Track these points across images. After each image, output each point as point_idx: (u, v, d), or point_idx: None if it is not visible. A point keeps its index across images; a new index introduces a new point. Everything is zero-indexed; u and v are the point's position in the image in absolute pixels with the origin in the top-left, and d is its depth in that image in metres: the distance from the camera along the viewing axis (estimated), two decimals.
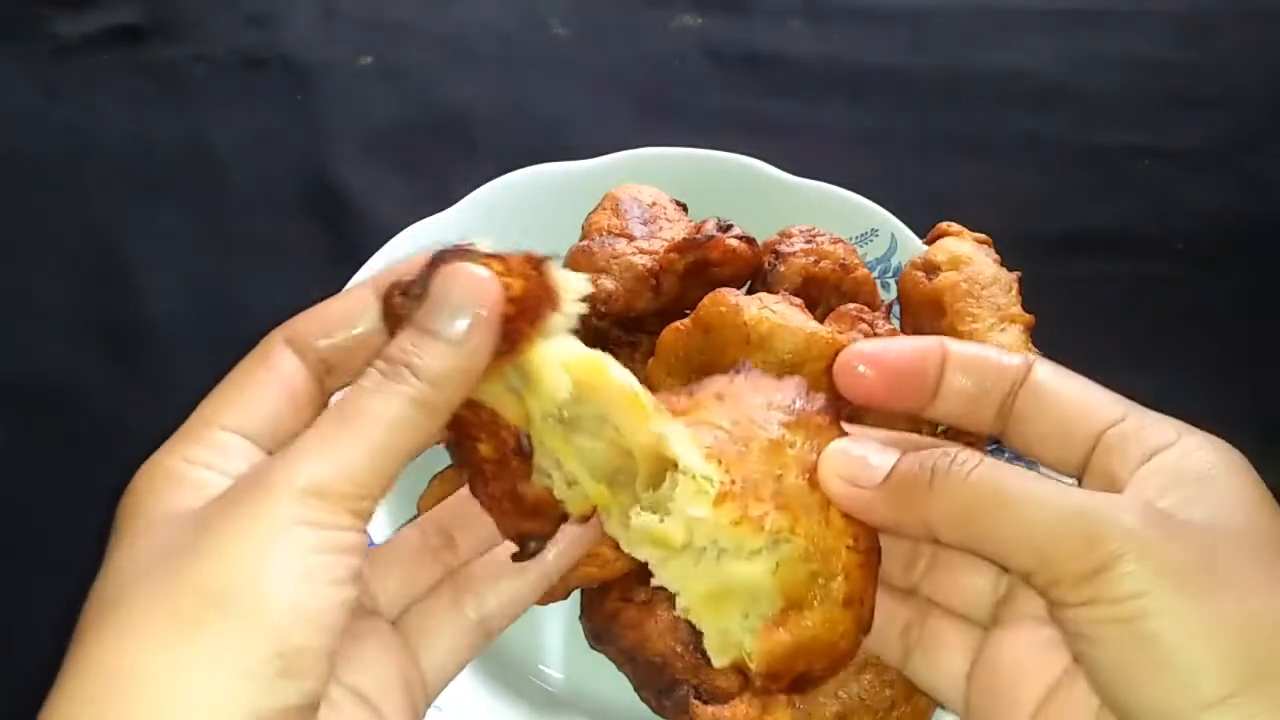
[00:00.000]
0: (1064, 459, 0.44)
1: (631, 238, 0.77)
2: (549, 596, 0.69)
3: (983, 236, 0.77)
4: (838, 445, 0.44)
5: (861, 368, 0.46)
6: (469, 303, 0.40)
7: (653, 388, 0.71)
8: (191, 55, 1.11)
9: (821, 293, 0.76)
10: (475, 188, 0.86)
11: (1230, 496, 0.39)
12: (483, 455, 0.45)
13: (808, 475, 0.44)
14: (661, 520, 0.43)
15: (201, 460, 0.41)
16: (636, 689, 0.69)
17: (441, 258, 0.42)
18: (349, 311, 0.44)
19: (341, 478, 0.38)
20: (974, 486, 0.40)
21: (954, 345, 0.46)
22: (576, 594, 0.71)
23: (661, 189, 0.82)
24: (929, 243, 0.78)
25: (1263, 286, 0.95)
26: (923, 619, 0.48)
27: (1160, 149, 1.04)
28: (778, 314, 0.67)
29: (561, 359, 0.44)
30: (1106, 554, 0.37)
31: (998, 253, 0.76)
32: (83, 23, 1.13)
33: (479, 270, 0.41)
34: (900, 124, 1.06)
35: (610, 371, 0.44)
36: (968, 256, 0.74)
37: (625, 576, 0.67)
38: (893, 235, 0.83)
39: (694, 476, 0.43)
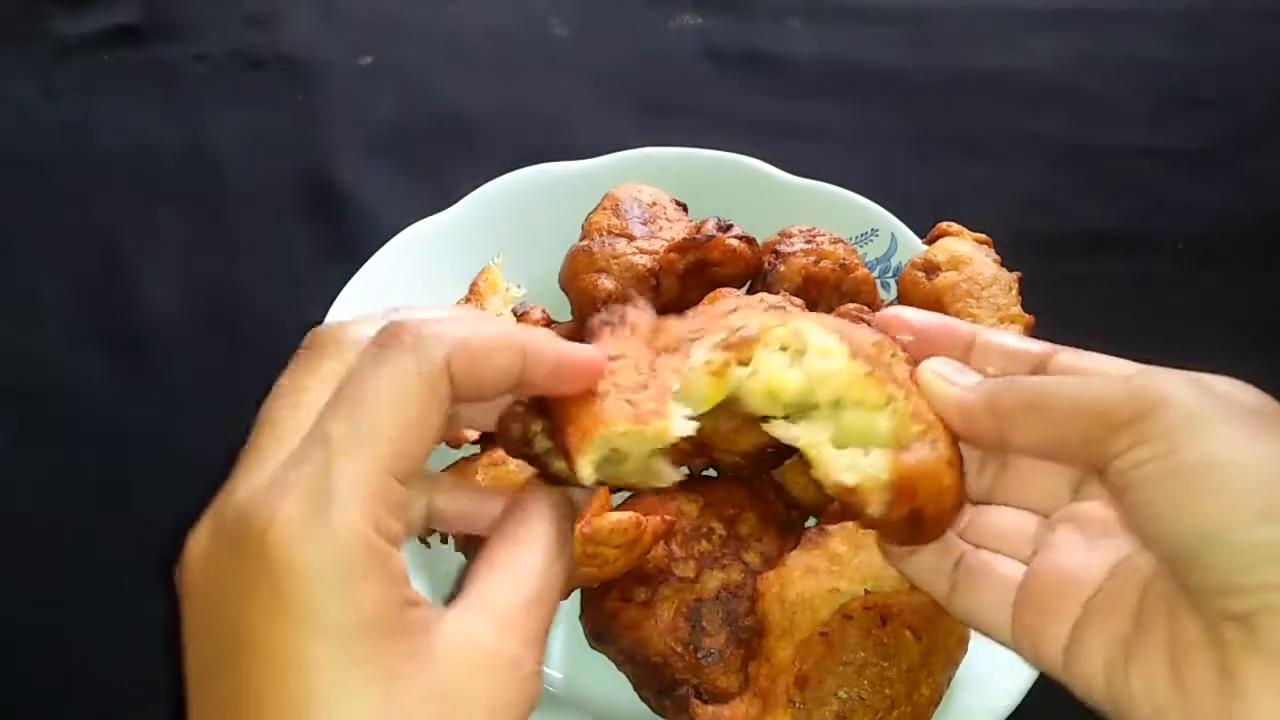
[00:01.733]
0: (1095, 424, 0.44)
1: (632, 238, 0.77)
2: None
3: (983, 236, 0.77)
4: (934, 359, 0.47)
5: (902, 321, 0.49)
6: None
7: None
8: (191, 55, 1.11)
9: (821, 293, 0.76)
10: (475, 188, 0.86)
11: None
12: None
13: (910, 370, 0.48)
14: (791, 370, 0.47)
15: (395, 535, 0.36)
16: (636, 689, 0.69)
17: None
18: (509, 370, 0.40)
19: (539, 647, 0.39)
20: (1046, 378, 0.44)
21: (984, 330, 0.48)
22: (576, 594, 0.71)
23: (661, 189, 0.82)
24: (929, 243, 0.78)
25: (1263, 286, 0.95)
26: (970, 555, 0.49)
27: (1160, 149, 1.04)
28: None
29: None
30: (1152, 400, 0.39)
31: (998, 253, 0.76)
32: (83, 23, 1.13)
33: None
34: (900, 124, 1.06)
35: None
36: (968, 256, 0.75)
37: (625, 576, 0.67)
38: (893, 235, 0.83)
39: (822, 348, 0.47)
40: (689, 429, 0.45)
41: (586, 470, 0.42)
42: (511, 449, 0.45)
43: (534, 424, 0.44)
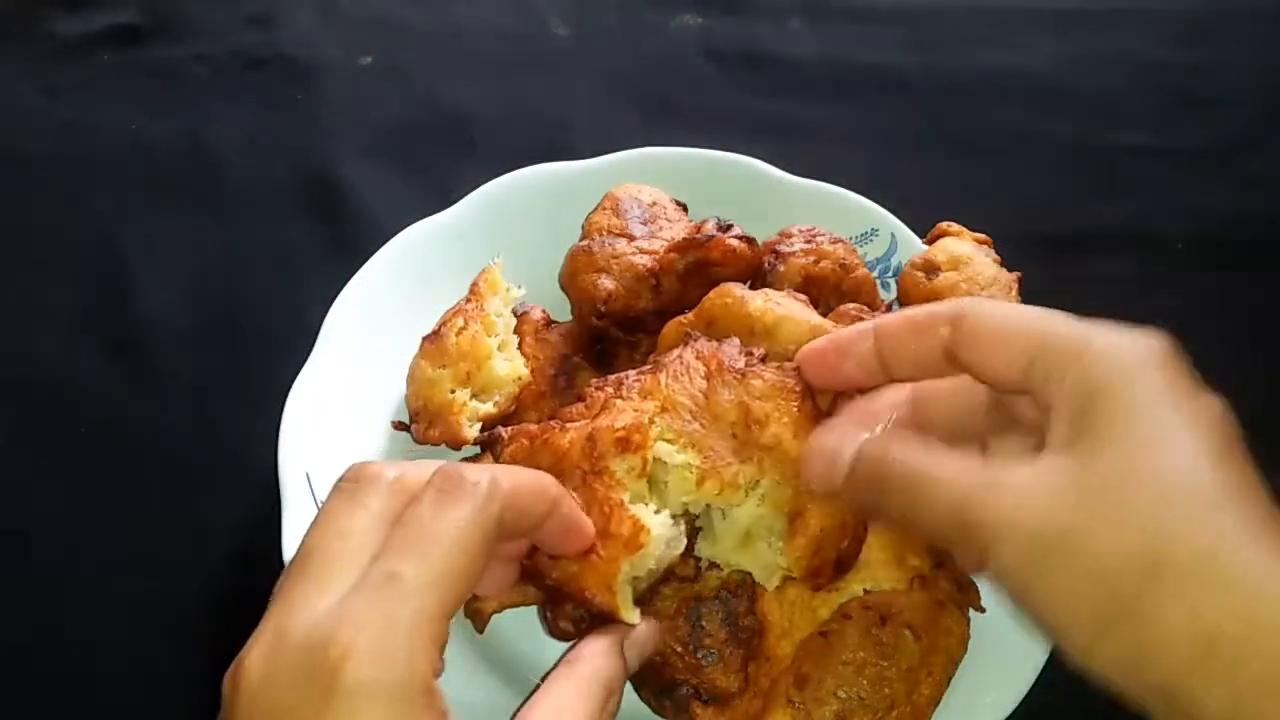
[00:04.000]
0: (1007, 387, 0.47)
1: (632, 238, 0.77)
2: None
3: (983, 236, 0.77)
4: (812, 441, 0.52)
5: (813, 360, 0.54)
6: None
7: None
8: (191, 55, 1.11)
9: (821, 292, 0.76)
10: (475, 187, 0.85)
11: (1125, 410, 0.41)
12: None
13: (758, 423, 0.54)
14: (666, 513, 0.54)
15: (440, 672, 0.40)
16: (636, 689, 0.69)
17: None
18: (542, 516, 0.46)
19: None
20: (898, 478, 0.46)
21: (883, 318, 0.51)
22: None
23: (661, 189, 0.82)
24: (929, 243, 0.78)
25: (1263, 286, 0.95)
26: None
27: (1160, 149, 1.04)
28: (783, 306, 0.67)
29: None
30: (982, 544, 0.42)
31: (997, 253, 0.76)
32: (83, 23, 1.13)
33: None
34: (900, 124, 1.06)
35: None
36: (968, 257, 0.74)
37: None
38: (893, 235, 0.83)
39: (680, 468, 0.54)
40: (666, 520, 0.53)
41: (632, 615, 0.51)
42: (562, 636, 0.55)
43: (567, 608, 0.54)
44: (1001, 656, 0.66)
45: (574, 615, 0.55)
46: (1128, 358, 0.42)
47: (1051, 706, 0.66)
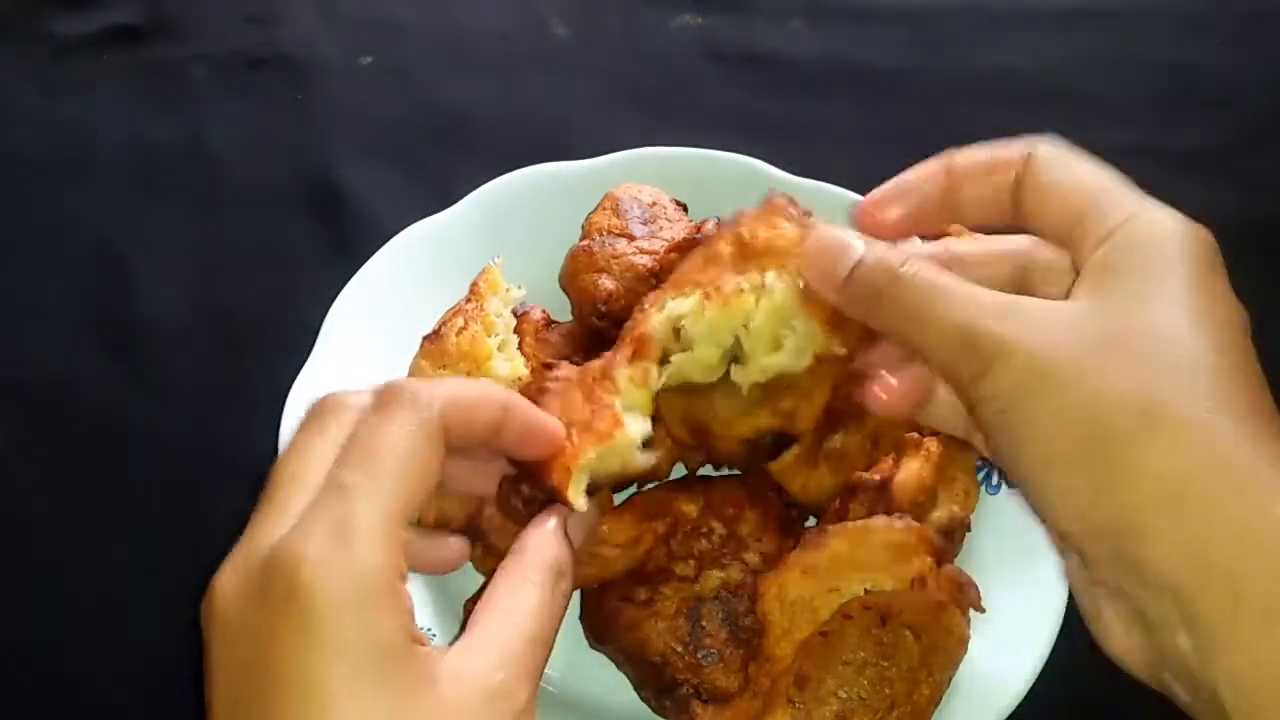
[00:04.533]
0: (1056, 237, 0.48)
1: (632, 238, 0.77)
2: None
3: (983, 235, 0.77)
4: (816, 236, 0.50)
5: (879, 209, 0.51)
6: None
7: None
8: (191, 55, 1.11)
9: None
10: (475, 187, 0.85)
11: (1158, 274, 0.43)
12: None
13: (750, 240, 0.54)
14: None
15: (404, 572, 0.40)
16: (636, 689, 0.69)
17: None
18: (477, 406, 0.46)
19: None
20: (907, 291, 0.45)
21: (957, 156, 0.51)
22: (576, 594, 0.71)
23: (661, 189, 0.82)
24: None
25: (1263, 286, 0.94)
26: None
27: (1160, 149, 1.03)
28: None
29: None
30: (982, 362, 0.42)
31: None
32: (83, 23, 1.13)
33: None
34: (900, 124, 1.06)
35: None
36: None
37: (625, 576, 0.68)
38: None
39: (691, 314, 0.54)
40: (645, 428, 0.53)
41: (579, 499, 0.50)
42: (510, 513, 0.55)
43: (522, 487, 0.53)
44: (1001, 656, 0.66)
45: (527, 495, 0.55)
46: (1173, 234, 0.44)
47: (1051, 706, 0.66)
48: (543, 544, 0.48)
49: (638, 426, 0.53)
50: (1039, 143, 0.48)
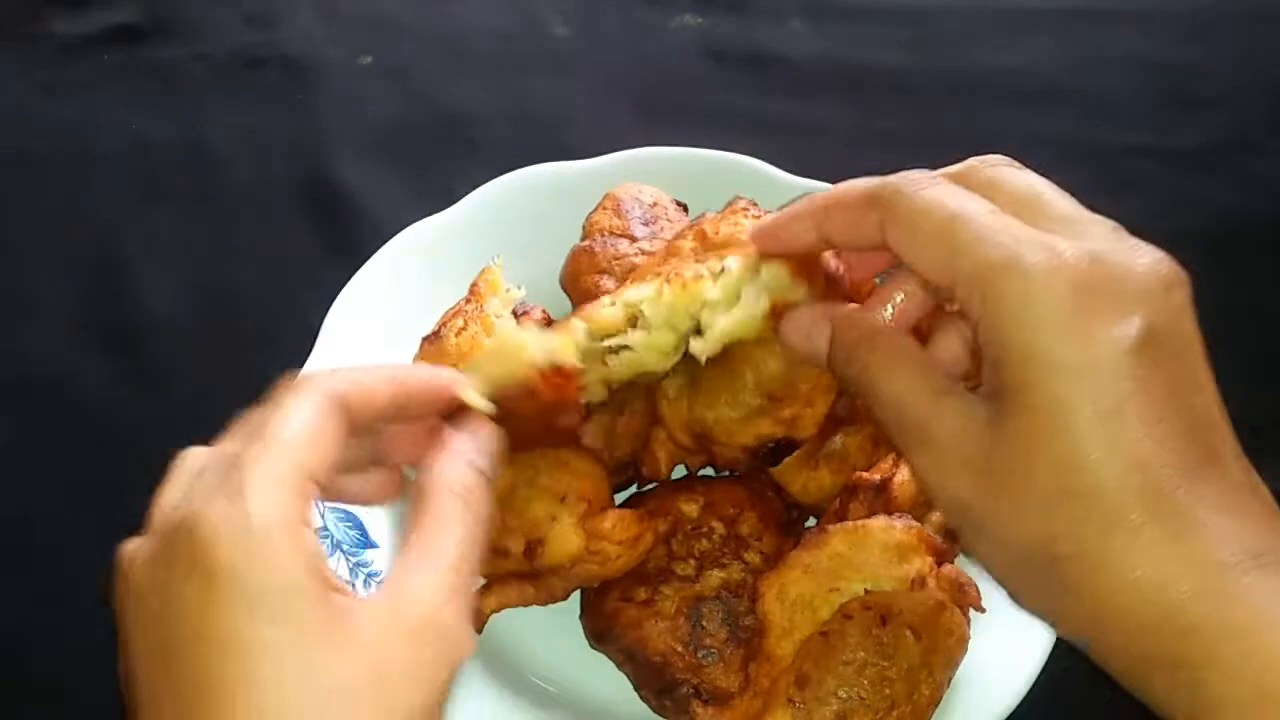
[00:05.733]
0: (938, 290, 0.49)
1: (634, 239, 0.77)
2: (549, 597, 0.69)
3: None
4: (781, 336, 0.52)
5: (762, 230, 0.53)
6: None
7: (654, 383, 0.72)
8: (191, 55, 1.11)
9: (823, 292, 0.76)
10: (475, 187, 0.85)
11: (1030, 374, 0.41)
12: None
13: (712, 234, 0.58)
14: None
15: (310, 520, 0.41)
16: (636, 689, 0.69)
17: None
18: (376, 389, 0.47)
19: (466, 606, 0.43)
20: (859, 375, 0.48)
21: (821, 196, 0.51)
22: (576, 594, 0.71)
23: (661, 189, 0.82)
24: None
25: (1263, 286, 0.95)
26: None
27: (1160, 149, 1.04)
28: None
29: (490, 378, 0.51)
30: (921, 486, 0.45)
31: None
32: (83, 23, 1.13)
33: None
34: (900, 124, 1.06)
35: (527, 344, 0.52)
36: None
37: (625, 576, 0.68)
38: None
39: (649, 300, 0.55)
40: (542, 340, 0.52)
41: (471, 395, 0.50)
42: None
43: None
44: (1001, 656, 0.66)
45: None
46: (1032, 306, 0.40)
47: (1051, 706, 0.66)
48: (448, 468, 0.47)
49: (530, 336, 0.53)
50: (894, 184, 0.47)
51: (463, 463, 0.47)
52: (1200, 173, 1.02)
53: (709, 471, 0.77)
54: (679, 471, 0.76)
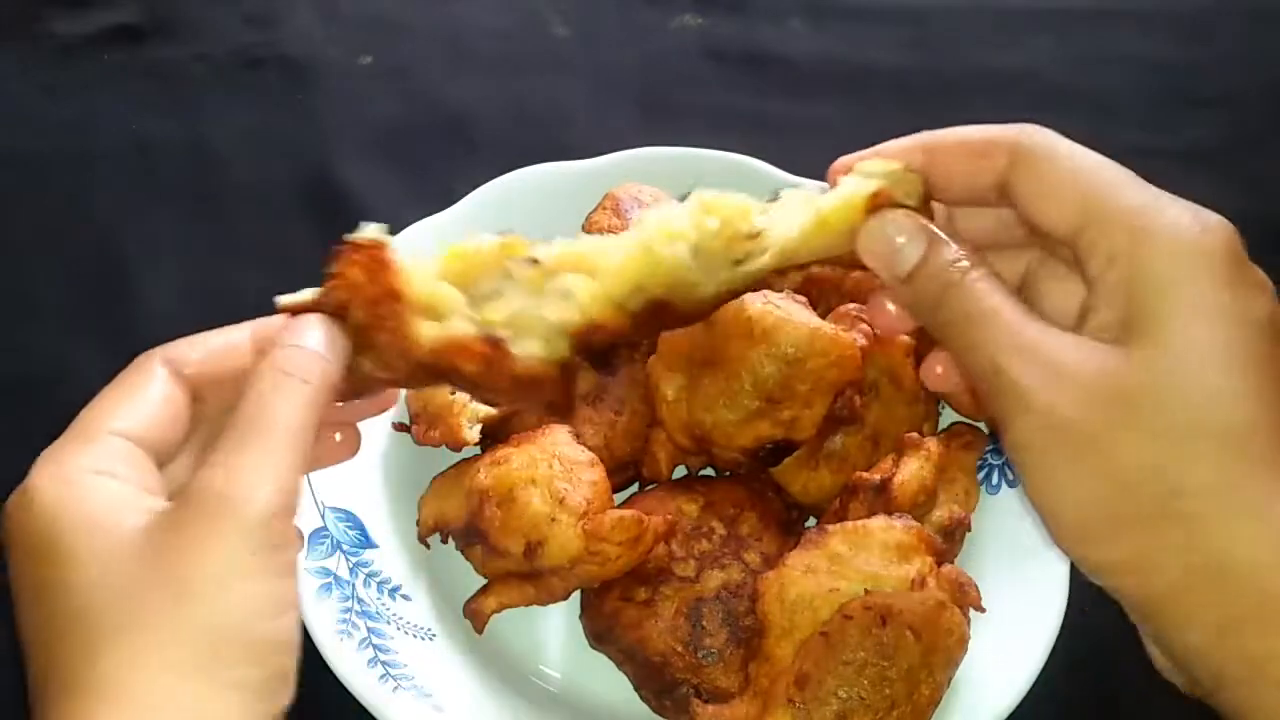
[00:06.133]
0: (1054, 238, 0.47)
1: None
2: (549, 597, 0.69)
3: None
4: (874, 223, 0.49)
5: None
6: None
7: (654, 384, 0.72)
8: (191, 55, 1.11)
9: (821, 293, 0.76)
10: (476, 187, 0.85)
11: (1170, 316, 0.41)
12: (470, 373, 0.49)
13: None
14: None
15: (105, 468, 0.45)
16: (636, 689, 0.69)
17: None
18: (229, 348, 0.50)
19: (287, 497, 0.42)
20: (956, 310, 0.45)
21: (936, 135, 0.50)
22: (576, 594, 0.71)
23: (661, 189, 0.82)
24: None
25: None
26: None
27: (1160, 149, 1.03)
28: (782, 309, 0.67)
29: (432, 274, 0.52)
30: (1004, 409, 0.43)
31: None
32: (83, 23, 1.13)
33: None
34: (900, 124, 1.05)
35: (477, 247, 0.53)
36: None
37: (626, 576, 0.68)
38: None
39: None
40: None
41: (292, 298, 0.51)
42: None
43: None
44: (1001, 656, 0.66)
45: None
46: (1184, 253, 0.41)
47: (1051, 706, 0.66)
48: (273, 356, 0.47)
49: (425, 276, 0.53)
50: (1029, 130, 0.47)
51: (288, 347, 0.47)
52: (1200, 173, 1.02)
53: (709, 471, 0.77)
54: (679, 471, 0.76)
